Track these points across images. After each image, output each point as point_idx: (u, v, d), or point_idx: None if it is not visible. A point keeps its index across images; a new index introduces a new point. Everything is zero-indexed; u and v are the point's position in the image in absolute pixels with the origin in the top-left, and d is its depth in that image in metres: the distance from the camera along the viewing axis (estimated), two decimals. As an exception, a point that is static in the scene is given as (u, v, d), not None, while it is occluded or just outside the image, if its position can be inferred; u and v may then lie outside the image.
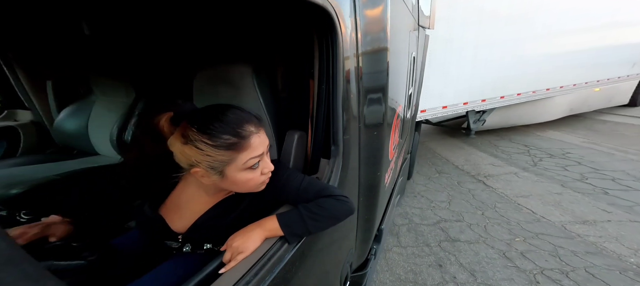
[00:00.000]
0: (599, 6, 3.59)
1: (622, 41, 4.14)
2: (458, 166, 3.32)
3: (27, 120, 1.64)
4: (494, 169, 3.19)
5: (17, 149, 1.59)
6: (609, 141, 3.93)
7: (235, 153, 0.54)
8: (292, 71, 0.90)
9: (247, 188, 0.60)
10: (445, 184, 2.87)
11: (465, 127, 3.75)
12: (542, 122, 4.52)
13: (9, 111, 1.61)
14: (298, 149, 0.81)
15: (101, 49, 1.43)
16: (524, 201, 2.46)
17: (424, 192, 2.73)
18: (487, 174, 3.04)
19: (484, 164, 3.33)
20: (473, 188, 2.76)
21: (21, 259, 0.24)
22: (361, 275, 1.23)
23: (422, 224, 2.21)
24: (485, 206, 2.42)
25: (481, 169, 3.18)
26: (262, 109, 0.88)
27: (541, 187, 2.70)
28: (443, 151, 3.84)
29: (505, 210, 2.34)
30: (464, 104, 3.19)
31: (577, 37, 3.67)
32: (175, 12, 1.02)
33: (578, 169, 3.06)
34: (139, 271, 0.59)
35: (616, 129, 4.53)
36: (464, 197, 2.60)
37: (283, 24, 0.84)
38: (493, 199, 2.52)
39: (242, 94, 0.89)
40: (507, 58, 3.22)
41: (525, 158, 3.45)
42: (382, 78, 0.91)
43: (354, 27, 0.70)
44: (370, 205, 1.11)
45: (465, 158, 3.56)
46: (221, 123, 0.53)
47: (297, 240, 0.60)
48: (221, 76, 0.93)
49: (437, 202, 2.53)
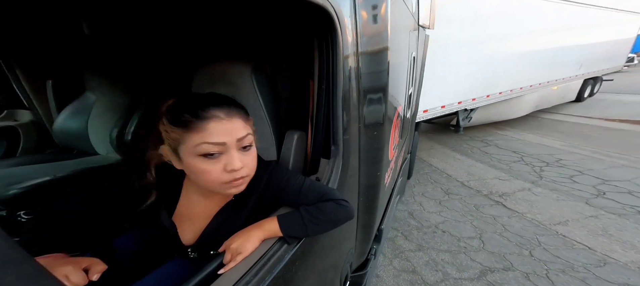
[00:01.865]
0: (554, 11, 4.08)
1: (572, 43, 4.86)
2: (463, 182, 3.11)
3: (27, 120, 1.64)
4: (502, 184, 3.00)
5: (17, 149, 1.59)
6: (584, 143, 4.14)
7: (187, 132, 0.51)
8: (292, 71, 0.90)
9: (204, 181, 0.54)
10: (462, 211, 2.53)
11: (454, 124, 4.13)
12: (517, 126, 5.06)
13: (8, 111, 1.60)
14: (298, 149, 0.81)
15: (101, 49, 1.43)
16: (567, 231, 2.14)
17: (443, 224, 2.34)
18: (501, 193, 2.82)
19: (489, 179, 3.15)
20: (497, 214, 2.42)
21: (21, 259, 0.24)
22: (361, 275, 1.24)
23: (463, 279, 1.73)
24: (528, 243, 2.03)
25: (489, 186, 2.98)
26: (261, 109, 0.88)
27: (569, 208, 2.47)
28: (438, 163, 3.71)
29: (554, 247, 1.96)
30: (459, 104, 3.52)
31: (542, 38, 4.18)
32: (175, 12, 1.02)
33: (585, 180, 2.97)
34: (139, 272, 0.59)
35: (579, 130, 4.89)
36: (494, 229, 2.23)
37: (283, 23, 0.84)
38: (530, 231, 2.17)
39: (242, 94, 0.89)
40: (493, 61, 3.60)
41: (525, 168, 3.37)
42: (382, 78, 0.91)
43: (353, 27, 0.70)
44: (370, 205, 1.11)
45: (465, 170, 3.42)
46: (189, 102, 0.53)
47: (296, 242, 0.60)
48: (220, 75, 0.93)
49: (465, 239, 2.10)
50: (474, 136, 4.72)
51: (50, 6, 1.01)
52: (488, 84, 3.75)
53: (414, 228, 2.31)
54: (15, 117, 1.62)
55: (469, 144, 4.35)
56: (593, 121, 5.46)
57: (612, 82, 8.57)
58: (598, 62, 6.22)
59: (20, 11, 1.04)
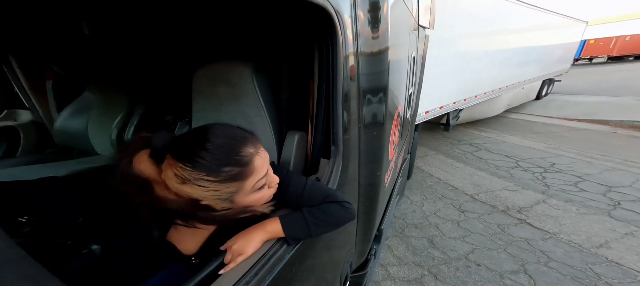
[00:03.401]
0: (524, 13, 4.41)
1: (537, 44, 5.36)
2: (472, 195, 2.89)
3: (27, 120, 1.64)
4: (514, 197, 2.82)
5: (17, 149, 1.59)
6: (563, 144, 4.27)
7: (241, 182, 0.52)
8: (293, 71, 0.90)
9: (260, 205, 0.59)
10: (488, 233, 2.24)
11: (444, 123, 4.50)
12: (495, 128, 5.37)
13: (8, 111, 1.60)
14: (298, 150, 0.81)
15: (101, 49, 1.43)
16: (616, 256, 1.93)
17: (473, 255, 2.01)
18: (518, 207, 2.61)
19: (498, 190, 2.98)
20: (528, 237, 2.17)
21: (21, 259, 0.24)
22: (361, 275, 1.24)
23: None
24: (584, 276, 1.77)
25: (502, 199, 2.79)
26: (262, 109, 0.88)
27: (597, 224, 2.30)
28: (438, 172, 3.53)
29: (618, 282, 1.72)
30: (453, 104, 3.75)
31: (517, 39, 4.60)
32: (176, 12, 1.02)
33: (590, 187, 2.94)
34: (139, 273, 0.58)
35: (550, 130, 5.13)
36: (535, 257, 1.94)
37: (283, 23, 0.84)
38: (577, 259, 1.92)
39: (242, 94, 0.89)
40: (481, 64, 3.94)
41: (526, 175, 3.30)
42: (382, 78, 0.91)
43: (354, 27, 0.70)
44: (371, 205, 1.11)
45: (469, 180, 3.25)
46: (215, 154, 0.49)
47: (296, 243, 0.60)
48: (220, 75, 0.93)
49: (508, 275, 1.80)
50: (461, 140, 4.76)
51: (51, 6, 1.01)
52: (476, 85, 4.11)
53: (441, 263, 1.95)
54: (15, 117, 1.62)
55: (461, 149, 4.32)
56: (556, 121, 5.83)
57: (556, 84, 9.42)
58: (553, 63, 7.00)
59: (21, 11, 1.04)
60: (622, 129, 4.91)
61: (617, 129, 4.97)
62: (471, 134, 5.08)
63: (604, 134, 4.76)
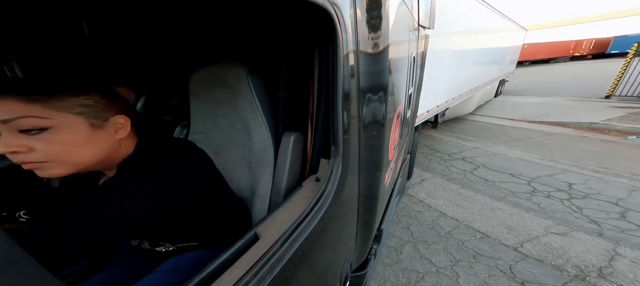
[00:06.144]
0: (493, 15, 4.91)
1: (501, 45, 6.08)
2: (516, 248, 2.10)
3: (27, 120, 1.64)
4: (573, 246, 2.08)
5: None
6: (554, 154, 4.14)
7: None
8: (292, 71, 0.90)
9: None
10: None
11: (433, 121, 4.72)
12: (475, 136, 5.55)
13: (8, 111, 1.60)
14: (294, 151, 0.81)
15: (99, 50, 1.43)
16: None
17: None
18: (593, 267, 1.86)
19: (543, 236, 2.22)
20: None
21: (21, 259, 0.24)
22: (361, 275, 1.24)
23: None
24: None
25: (559, 252, 2.03)
26: (258, 111, 0.88)
27: None
28: (449, 209, 2.73)
29: None
30: (446, 103, 3.98)
31: (488, 39, 5.07)
32: (173, 13, 1.02)
33: (636, 218, 2.40)
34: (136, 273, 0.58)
35: (525, 135, 5.17)
36: None
37: (282, 23, 0.84)
38: None
39: (238, 96, 0.89)
40: (465, 67, 4.28)
41: (555, 205, 2.70)
42: (382, 77, 0.91)
43: (354, 27, 0.70)
44: (370, 205, 1.11)
45: (494, 219, 2.51)
46: None
47: None
48: (216, 77, 0.93)
49: None
50: (451, 154, 4.37)
51: (50, 6, 1.01)
52: (461, 85, 4.45)
53: None
54: (15, 117, 1.62)
55: (457, 168, 3.75)
56: (521, 124, 6.01)
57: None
58: (507, 64, 7.98)
59: (20, 11, 1.04)
60: (589, 133, 5.07)
61: (583, 132, 5.14)
62: (457, 145, 4.81)
63: (577, 138, 4.83)
